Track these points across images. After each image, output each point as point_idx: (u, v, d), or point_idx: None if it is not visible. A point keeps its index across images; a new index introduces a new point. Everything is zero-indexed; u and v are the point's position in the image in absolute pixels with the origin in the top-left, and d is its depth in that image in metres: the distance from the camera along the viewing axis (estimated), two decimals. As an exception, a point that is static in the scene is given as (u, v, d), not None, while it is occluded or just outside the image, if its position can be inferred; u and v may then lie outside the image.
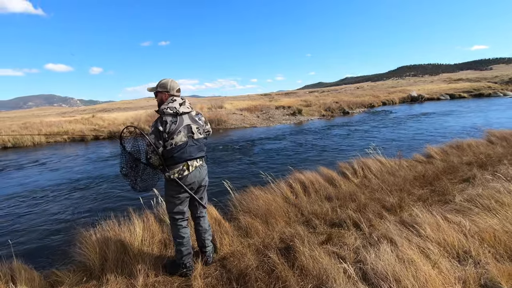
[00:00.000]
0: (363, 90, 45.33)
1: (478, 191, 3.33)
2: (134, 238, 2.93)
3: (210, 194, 4.74)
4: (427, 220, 2.63)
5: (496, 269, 1.91)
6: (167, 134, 2.17)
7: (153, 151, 2.17)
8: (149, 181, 2.34)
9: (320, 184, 4.42)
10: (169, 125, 2.17)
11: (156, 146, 2.17)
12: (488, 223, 2.48)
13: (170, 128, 2.17)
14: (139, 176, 2.30)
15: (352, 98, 28.02)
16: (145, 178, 2.33)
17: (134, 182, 2.28)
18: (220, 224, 3.23)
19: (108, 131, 15.61)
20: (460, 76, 74.27)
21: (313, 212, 3.44)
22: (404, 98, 28.97)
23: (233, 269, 2.42)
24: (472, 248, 2.19)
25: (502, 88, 31.91)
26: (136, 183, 2.28)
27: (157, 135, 2.17)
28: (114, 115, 22.91)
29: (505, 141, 6.51)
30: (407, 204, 3.37)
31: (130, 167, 2.25)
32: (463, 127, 11.45)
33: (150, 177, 2.34)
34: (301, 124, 16.36)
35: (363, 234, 2.77)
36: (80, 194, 5.97)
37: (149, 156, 2.19)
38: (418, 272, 1.85)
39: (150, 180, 2.35)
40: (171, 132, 2.17)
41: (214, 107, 23.18)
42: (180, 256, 2.43)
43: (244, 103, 26.29)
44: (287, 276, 2.12)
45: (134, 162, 2.27)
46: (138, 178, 2.29)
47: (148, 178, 2.33)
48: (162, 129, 2.16)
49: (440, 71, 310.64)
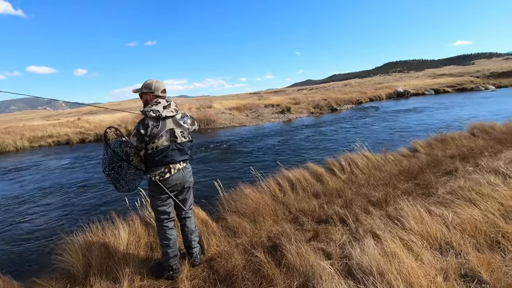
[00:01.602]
0: (351, 87, 45.85)
1: (460, 183, 3.41)
2: (119, 242, 2.87)
3: (197, 195, 4.70)
4: (411, 214, 2.67)
5: (476, 258, 1.96)
6: (148, 137, 2.14)
7: (134, 153, 2.15)
8: (132, 181, 2.32)
9: (308, 181, 4.44)
10: (150, 128, 2.14)
11: (137, 149, 2.15)
12: (469, 214, 2.54)
13: (152, 131, 2.14)
14: (122, 176, 2.26)
15: (340, 95, 28.27)
16: (129, 178, 2.30)
17: (117, 182, 2.25)
18: (207, 224, 3.20)
19: (95, 134, 15.29)
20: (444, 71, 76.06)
21: (300, 210, 3.45)
22: (391, 94, 29.43)
23: (220, 270, 2.40)
24: (454, 239, 2.24)
25: (484, 82, 32.84)
26: (119, 183, 2.25)
27: (139, 137, 2.14)
28: (101, 118, 22.45)
29: (486, 133, 6.70)
30: (393, 198, 3.42)
31: (113, 168, 2.21)
32: (447, 120, 11.73)
33: (133, 177, 2.31)
34: (290, 122, 16.43)
35: (350, 230, 2.79)
36: (63, 199, 5.82)
37: (131, 158, 2.17)
38: (401, 265, 1.87)
39: (133, 181, 2.32)
40: (152, 136, 2.14)
41: (203, 107, 23.01)
42: (167, 259, 2.40)
43: (233, 102, 26.20)
44: (273, 275, 2.12)
45: (118, 162, 2.24)
46: (122, 179, 2.26)
47: (131, 179, 2.30)
48: (144, 132, 2.13)
49: (425, 66, 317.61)
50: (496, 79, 34.86)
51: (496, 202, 2.71)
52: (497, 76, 37.01)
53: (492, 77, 36.83)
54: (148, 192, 2.38)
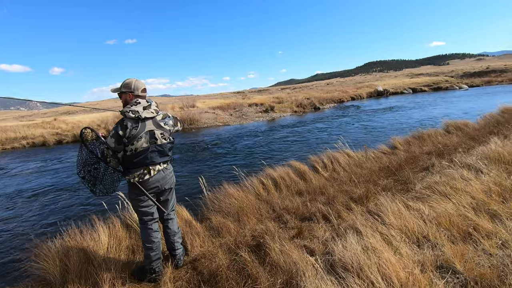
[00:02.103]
0: (333, 86, 46.68)
1: (436, 178, 3.55)
2: (99, 246, 2.79)
3: (181, 195, 4.64)
4: (390, 209, 2.75)
5: (450, 250, 2.05)
6: (127, 139, 2.07)
7: (112, 155, 2.08)
8: (110, 184, 2.24)
9: (292, 179, 4.48)
10: (129, 130, 2.07)
11: (115, 150, 2.08)
12: (444, 208, 2.65)
13: (131, 133, 2.07)
14: (99, 179, 2.18)
15: (323, 94, 28.72)
16: (106, 181, 2.23)
17: (93, 185, 2.17)
18: (191, 225, 3.17)
19: (73, 135, 14.72)
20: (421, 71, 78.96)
21: (284, 208, 3.48)
22: (371, 93, 30.21)
23: (204, 271, 2.38)
24: (430, 232, 2.33)
25: (458, 81, 34.39)
26: (95, 187, 2.17)
27: (117, 139, 2.07)
28: (79, 118, 21.64)
29: (460, 130, 7.01)
30: (373, 194, 3.51)
31: (88, 172, 2.13)
32: (424, 118, 12.18)
33: (111, 180, 2.24)
34: (273, 121, 16.51)
35: (332, 226, 2.84)
36: (38, 203, 5.57)
37: (108, 159, 2.11)
38: (381, 259, 1.93)
39: (111, 183, 2.24)
40: (131, 137, 2.08)
41: (186, 106, 22.67)
42: (149, 262, 2.35)
43: (216, 102, 26.02)
44: (258, 273, 2.12)
45: (94, 164, 2.16)
46: (98, 182, 2.18)
47: (109, 181, 2.23)
48: (122, 134, 2.06)
49: (403, 66, 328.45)
50: (469, 78, 36.63)
51: (469, 196, 2.85)
52: (470, 76, 38.89)
53: (465, 76, 38.67)
54: (128, 194, 2.32)
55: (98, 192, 2.20)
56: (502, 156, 3.84)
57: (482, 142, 5.26)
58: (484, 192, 2.91)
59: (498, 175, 3.25)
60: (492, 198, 2.78)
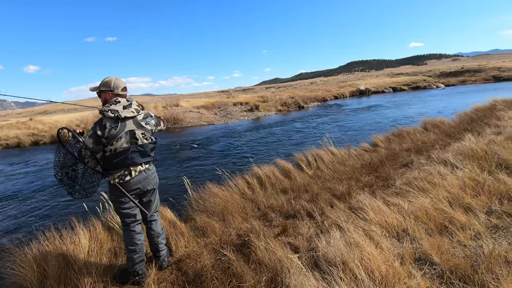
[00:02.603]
0: (317, 85, 47.30)
1: (415, 174, 3.68)
2: (80, 249, 2.70)
3: (165, 195, 4.57)
4: (371, 205, 2.83)
5: (428, 243, 2.14)
6: (106, 139, 2.01)
7: (90, 155, 2.02)
8: (90, 186, 2.17)
9: (276, 178, 4.52)
10: (108, 130, 2.00)
11: (94, 151, 2.02)
12: (422, 202, 2.76)
13: (109, 133, 2.01)
14: (78, 181, 2.11)
15: (307, 93, 29.03)
16: (85, 183, 2.16)
17: (71, 188, 2.09)
18: (175, 225, 3.13)
19: (50, 136, 14.14)
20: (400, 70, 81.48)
21: (269, 206, 3.50)
22: (354, 92, 30.85)
23: (189, 271, 2.36)
24: (409, 226, 2.42)
25: (435, 81, 35.73)
26: (74, 189, 2.10)
27: (95, 139, 2.00)
28: (56, 118, 20.81)
29: (437, 128, 7.29)
30: (355, 191, 3.60)
31: (66, 174, 2.05)
32: (404, 116, 12.57)
33: (90, 181, 2.17)
34: (258, 120, 16.54)
35: (316, 223, 2.89)
36: (13, 207, 5.32)
37: (86, 160, 2.04)
38: (363, 253, 1.99)
39: (90, 185, 2.18)
40: (110, 137, 2.01)
41: (169, 105, 22.28)
42: (132, 264, 2.30)
43: (201, 101, 25.75)
44: (243, 272, 2.13)
45: (72, 166, 2.09)
46: (77, 185, 2.11)
47: (88, 183, 2.16)
48: (101, 134, 1.99)
49: (384, 66, 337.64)
50: (445, 78, 38.12)
51: (445, 190, 2.98)
52: (446, 75, 40.48)
53: (442, 76, 40.22)
54: (109, 196, 2.26)
55: (76, 195, 2.13)
56: (476, 152, 4.04)
57: (457, 139, 5.49)
58: (459, 187, 3.04)
59: (472, 170, 3.41)
60: (466, 192, 2.92)
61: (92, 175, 2.22)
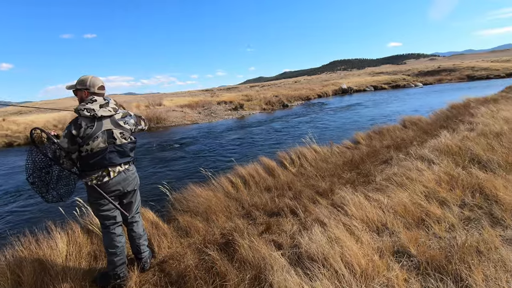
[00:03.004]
0: (300, 84, 47.77)
1: (394, 170, 3.80)
2: (57, 254, 2.60)
3: (147, 196, 4.48)
4: (352, 201, 2.90)
5: (406, 236, 2.21)
6: (81, 139, 1.94)
7: (65, 156, 1.94)
8: (64, 190, 2.09)
9: (260, 176, 4.53)
10: (83, 129, 1.94)
11: (69, 151, 1.95)
12: (401, 197, 2.85)
13: (85, 132, 1.94)
14: (52, 185, 2.03)
15: (291, 92, 29.25)
16: (60, 186, 2.08)
17: (44, 192, 2.01)
18: (157, 226, 3.08)
19: (25, 137, 13.51)
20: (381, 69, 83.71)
21: (253, 204, 3.51)
22: (336, 91, 31.40)
23: (172, 272, 2.33)
24: (388, 220, 2.50)
25: (414, 79, 36.99)
26: (48, 193, 2.01)
27: (70, 139, 1.93)
28: (32, 118, 19.87)
29: (415, 125, 7.56)
30: (338, 187, 3.66)
31: (38, 176, 1.97)
32: (384, 114, 12.94)
33: (65, 184, 2.09)
34: (243, 119, 16.52)
35: (300, 220, 2.92)
36: (-13, 212, 5.06)
37: (62, 161, 1.96)
38: (344, 248, 2.03)
39: (64, 189, 2.10)
40: (86, 137, 1.95)
41: (152, 104, 21.82)
42: (113, 267, 2.24)
43: (184, 100, 25.40)
44: (226, 270, 2.12)
45: (46, 168, 2.00)
46: (51, 188, 2.03)
47: (63, 186, 2.08)
48: (76, 133, 1.93)
49: (365, 65, 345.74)
50: (423, 77, 39.51)
51: (422, 185, 3.09)
52: (424, 74, 41.96)
53: (420, 75, 41.64)
54: (87, 198, 2.19)
55: (50, 199, 2.04)
56: (451, 148, 4.21)
57: (434, 135, 5.71)
58: (435, 181, 3.17)
59: (447, 165, 3.56)
60: (442, 186, 3.04)
61: (68, 177, 2.13)
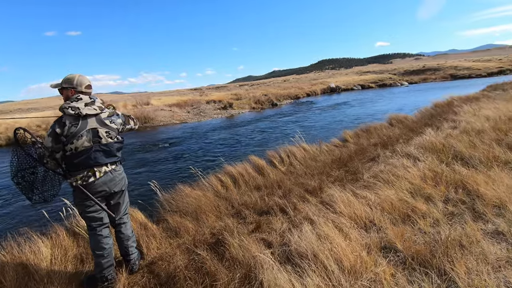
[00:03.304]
0: (289, 82, 48.05)
1: (381, 167, 3.87)
2: (41, 258, 2.54)
3: (135, 197, 4.42)
4: (341, 198, 2.93)
5: (392, 232, 2.26)
6: (66, 137, 1.91)
7: (49, 155, 1.91)
8: (50, 189, 2.05)
9: (250, 175, 4.54)
10: (67, 127, 1.91)
11: (53, 150, 1.91)
12: (387, 194, 2.91)
13: (69, 131, 1.91)
14: (37, 185, 1.99)
15: (280, 91, 29.38)
16: (45, 186, 2.04)
17: (29, 192, 1.97)
18: (146, 227, 3.04)
19: (6, 137, 13.07)
20: (368, 69, 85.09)
21: (243, 203, 3.51)
22: (325, 89, 31.74)
23: (162, 273, 2.31)
24: (375, 217, 2.55)
25: (400, 79, 37.84)
26: (33, 193, 1.98)
27: (54, 137, 1.90)
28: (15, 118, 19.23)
29: (401, 123, 7.73)
30: (326, 185, 3.71)
31: (22, 177, 1.92)
32: (371, 112, 13.18)
33: (50, 184, 2.05)
34: (232, 118, 16.48)
35: (289, 218, 2.94)
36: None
37: (45, 160, 1.93)
38: (333, 245, 2.06)
39: (50, 190, 2.05)
40: (70, 135, 1.91)
41: (139, 104, 21.47)
42: (100, 270, 2.20)
43: (173, 99, 25.12)
44: (216, 270, 2.12)
45: (31, 168, 1.96)
46: (36, 188, 1.98)
47: (48, 186, 2.04)
48: (60, 132, 1.89)
49: (353, 64, 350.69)
50: (408, 76, 40.44)
51: (408, 182, 3.16)
52: (410, 73, 42.93)
53: (406, 74, 42.59)
54: (73, 199, 2.14)
55: (35, 199, 2.00)
56: (435, 145, 4.33)
57: (419, 133, 5.85)
58: (420, 178, 3.25)
59: (432, 162, 3.66)
60: (427, 182, 3.12)
61: (53, 178, 2.10)
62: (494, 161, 3.41)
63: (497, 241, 2.06)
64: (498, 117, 5.53)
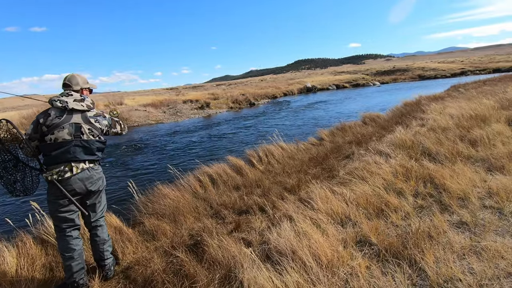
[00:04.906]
0: (267, 82, 48.36)
1: (356, 164, 4.00)
2: (5, 269, 2.38)
3: (109, 200, 4.22)
4: (318, 195, 3.00)
5: (367, 226, 2.34)
6: (47, 127, 1.95)
7: (27, 141, 1.96)
8: (30, 183, 2.09)
9: (229, 175, 4.52)
10: (51, 118, 1.96)
11: (30, 138, 1.97)
12: (362, 190, 3.01)
13: (52, 122, 1.95)
14: (20, 177, 2.06)
15: (257, 90, 29.49)
16: (28, 181, 2.10)
17: (11, 185, 2.02)
18: (121, 232, 2.93)
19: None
20: (342, 69, 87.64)
21: (222, 203, 3.49)
22: (301, 89, 32.29)
23: (138, 278, 2.24)
24: (351, 212, 2.63)
25: (372, 79, 39.34)
26: (15, 186, 2.02)
27: (35, 126, 1.96)
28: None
29: (374, 121, 8.03)
30: (304, 183, 3.77)
31: (5, 168, 1.99)
32: (346, 111, 13.59)
33: (30, 179, 2.10)
34: (210, 118, 16.32)
35: (268, 217, 2.96)
36: None
37: (22, 145, 1.98)
38: (311, 241, 2.10)
39: (30, 183, 2.09)
40: (51, 126, 1.95)
41: (112, 103, 20.65)
42: (70, 274, 2.09)
43: (148, 98, 24.42)
44: (195, 272, 2.09)
45: (12, 161, 2.03)
46: (18, 181, 2.04)
47: (28, 180, 2.10)
48: (42, 121, 1.95)
49: (328, 64, 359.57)
50: (380, 76, 42.12)
51: (381, 177, 3.29)
52: (381, 74, 44.71)
53: (378, 74, 44.32)
54: (46, 196, 2.08)
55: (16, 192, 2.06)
56: (405, 142, 4.54)
57: (390, 131, 6.10)
58: (392, 174, 3.40)
59: (402, 159, 3.83)
60: (398, 178, 3.27)
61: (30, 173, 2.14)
62: (458, 156, 3.64)
63: (461, 231, 2.20)
64: (461, 115, 5.90)
